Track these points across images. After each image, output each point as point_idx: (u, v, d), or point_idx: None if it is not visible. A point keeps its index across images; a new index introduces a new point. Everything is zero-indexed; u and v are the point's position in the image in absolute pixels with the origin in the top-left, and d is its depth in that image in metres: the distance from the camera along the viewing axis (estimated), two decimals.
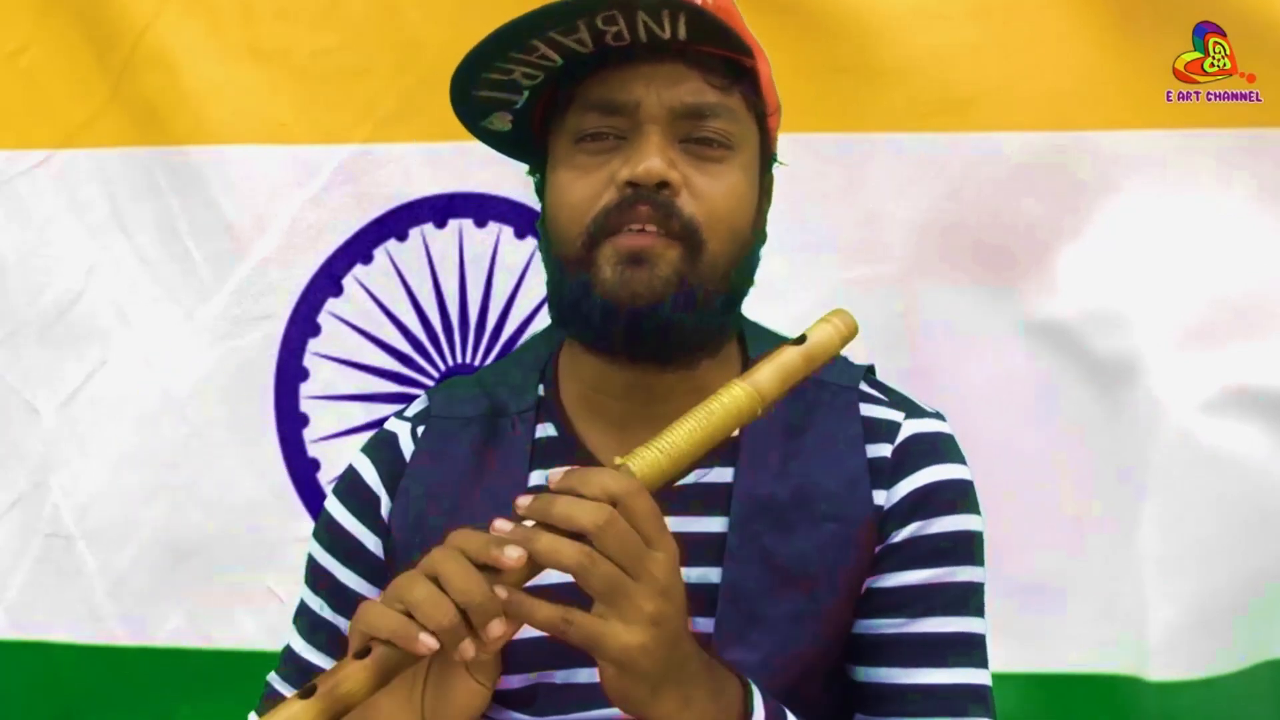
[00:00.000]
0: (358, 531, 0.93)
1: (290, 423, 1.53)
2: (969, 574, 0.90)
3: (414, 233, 1.53)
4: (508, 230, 1.53)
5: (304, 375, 1.54)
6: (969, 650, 0.89)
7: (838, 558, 0.87)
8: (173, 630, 1.56)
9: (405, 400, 1.48)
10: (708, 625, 0.85)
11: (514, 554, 0.66)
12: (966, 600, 0.89)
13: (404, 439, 0.94)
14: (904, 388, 0.97)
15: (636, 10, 0.79)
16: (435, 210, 1.52)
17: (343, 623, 0.92)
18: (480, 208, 1.52)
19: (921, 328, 1.46)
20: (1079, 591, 1.45)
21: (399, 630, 0.66)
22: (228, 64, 1.50)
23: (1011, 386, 1.46)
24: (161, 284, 1.55)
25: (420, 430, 0.94)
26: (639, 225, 0.81)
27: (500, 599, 0.66)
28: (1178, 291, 1.43)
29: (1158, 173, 1.42)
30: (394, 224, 1.52)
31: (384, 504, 0.92)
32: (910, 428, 0.92)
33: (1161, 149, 1.41)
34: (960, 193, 1.44)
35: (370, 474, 0.93)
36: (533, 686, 0.88)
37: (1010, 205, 1.44)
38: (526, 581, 0.68)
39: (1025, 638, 1.44)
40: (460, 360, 1.55)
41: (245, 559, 1.53)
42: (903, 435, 0.91)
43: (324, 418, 1.54)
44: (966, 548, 0.90)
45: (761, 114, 0.90)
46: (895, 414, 0.92)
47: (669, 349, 0.85)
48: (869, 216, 1.46)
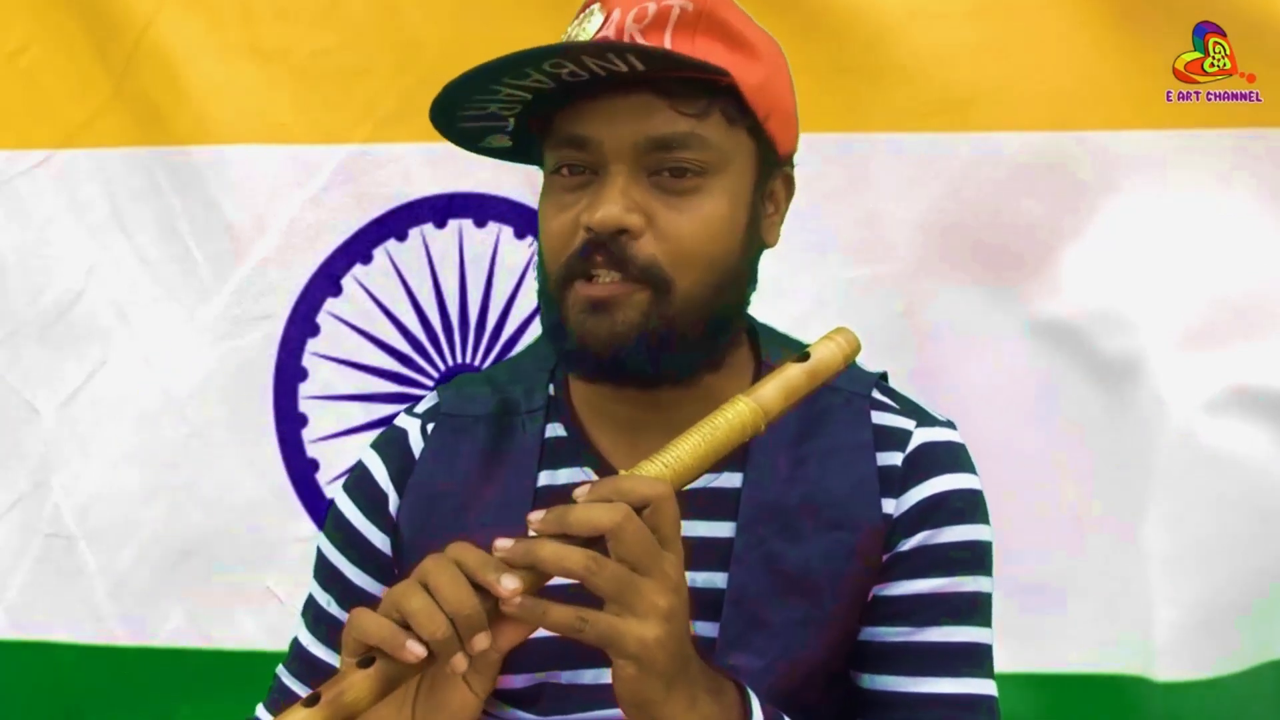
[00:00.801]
0: (365, 528, 0.93)
1: (289, 423, 1.53)
2: (977, 584, 0.89)
3: (414, 233, 1.53)
4: (508, 230, 1.53)
5: (303, 375, 1.54)
6: (976, 660, 0.88)
7: (844, 565, 0.86)
8: (173, 630, 1.56)
9: (405, 400, 1.49)
10: (712, 630, 0.85)
11: (510, 585, 0.67)
12: (975, 610, 0.89)
13: (413, 436, 0.94)
14: (906, 388, 0.97)
15: (582, 56, 0.77)
16: (435, 210, 1.52)
17: (341, 612, 0.93)
18: (480, 208, 1.52)
19: (923, 328, 1.46)
20: (1083, 591, 1.45)
21: (389, 639, 0.66)
22: (227, 64, 1.50)
23: (1013, 386, 1.46)
24: (161, 284, 1.55)
25: (430, 427, 0.94)
26: (597, 273, 0.81)
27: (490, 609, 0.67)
28: (1178, 292, 1.43)
29: (1157, 173, 1.42)
30: (394, 224, 1.52)
31: (392, 501, 0.92)
32: (921, 436, 0.91)
33: (1161, 149, 1.41)
34: (960, 193, 1.44)
35: (379, 471, 0.93)
36: (538, 686, 0.88)
37: (1010, 205, 1.44)
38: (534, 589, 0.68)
39: (1030, 638, 1.44)
40: (460, 360, 1.55)
41: (245, 559, 1.53)
42: (913, 444, 0.90)
43: (323, 418, 1.54)
44: (976, 557, 0.90)
45: (754, 123, 0.86)
46: (907, 422, 0.91)
47: (649, 383, 0.85)
48: (871, 216, 1.46)
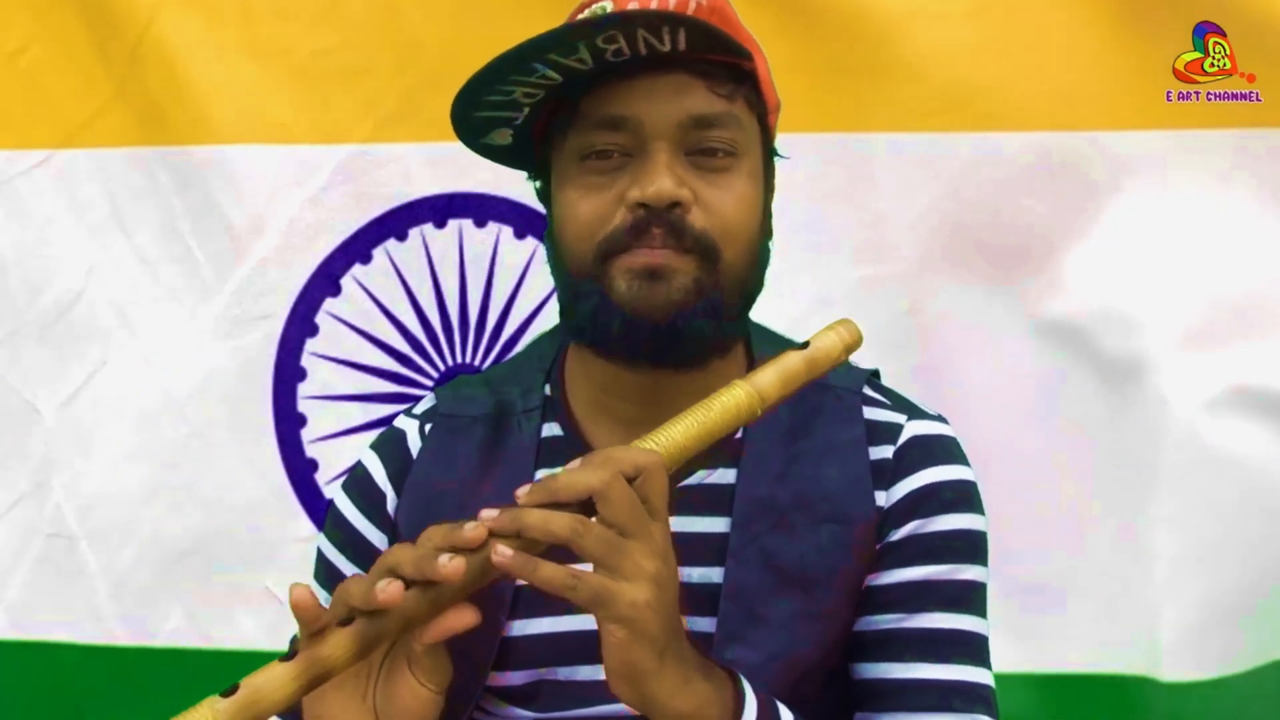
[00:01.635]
0: (363, 528, 0.94)
1: (288, 423, 1.53)
2: (970, 573, 0.90)
3: (414, 233, 1.53)
4: (507, 230, 1.53)
5: (302, 375, 1.54)
6: (969, 648, 0.88)
7: (838, 559, 0.87)
8: (172, 630, 1.56)
9: (404, 400, 1.49)
10: (709, 625, 0.86)
11: (449, 564, 0.68)
12: (966, 598, 0.89)
13: (411, 437, 0.95)
14: (910, 387, 0.98)
15: (637, 28, 0.79)
16: (435, 210, 1.52)
17: None
18: (480, 208, 1.52)
19: (927, 327, 1.46)
20: (1085, 591, 1.45)
21: (366, 591, 0.68)
22: (227, 63, 1.49)
23: (1016, 385, 1.46)
24: (162, 284, 1.55)
25: (428, 428, 0.95)
26: (653, 246, 0.82)
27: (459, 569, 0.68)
28: (1179, 292, 1.43)
29: (1158, 173, 1.42)
30: (394, 224, 1.52)
31: (390, 501, 0.93)
32: (912, 429, 0.92)
33: (1161, 149, 1.41)
34: (962, 192, 1.44)
35: (378, 471, 0.95)
36: (535, 683, 0.88)
37: (1011, 205, 1.44)
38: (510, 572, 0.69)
39: (1032, 638, 1.45)
40: (460, 360, 1.55)
41: (245, 559, 1.53)
42: (904, 437, 0.91)
43: (322, 418, 1.54)
44: (967, 546, 0.90)
45: (763, 113, 0.90)
46: (898, 416, 0.93)
47: (691, 356, 0.87)
48: (873, 216, 1.46)
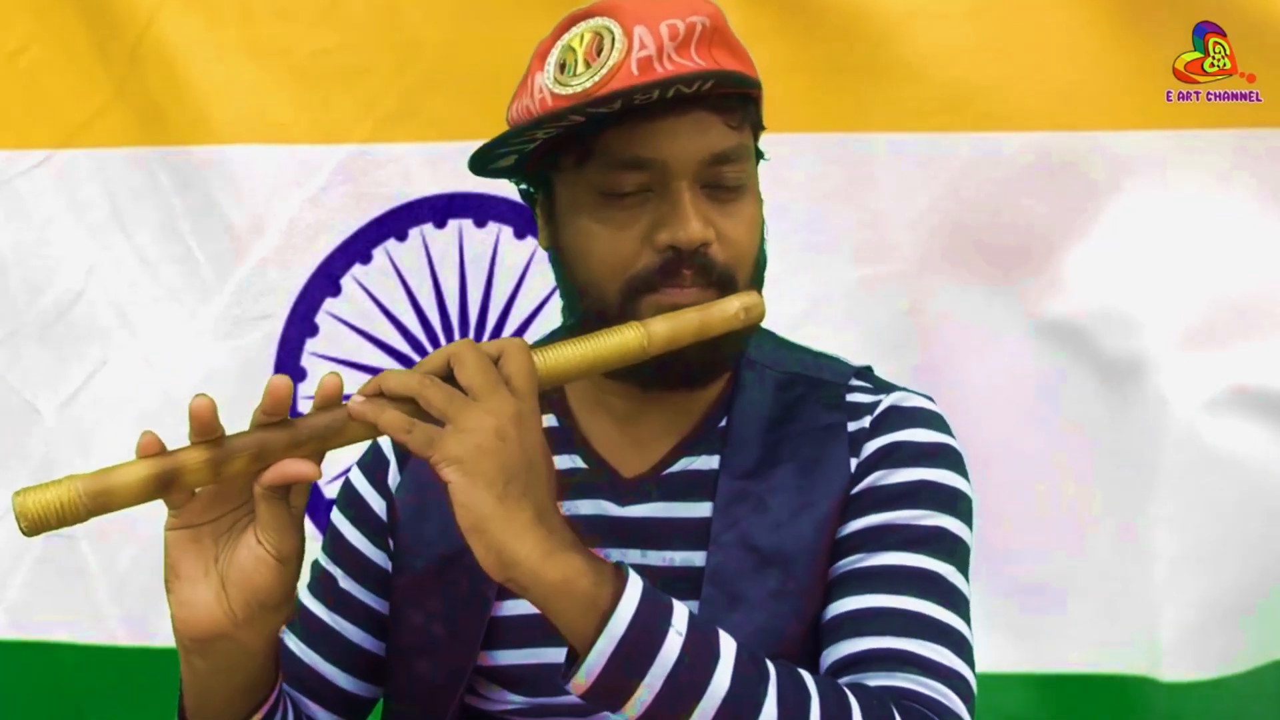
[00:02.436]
0: (366, 492, 1.01)
1: None
2: (936, 520, 0.88)
3: (414, 233, 1.53)
4: (507, 230, 1.53)
5: (301, 375, 1.54)
6: (933, 587, 0.86)
7: (815, 536, 0.89)
8: (172, 630, 1.56)
9: None
10: (692, 608, 0.85)
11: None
12: (929, 542, 0.87)
13: None
14: (910, 386, 0.98)
15: (674, 85, 0.82)
16: (435, 210, 1.52)
17: (338, 572, 1.00)
18: (480, 208, 1.52)
19: (927, 326, 1.47)
20: (1086, 591, 1.45)
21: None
22: (227, 63, 1.50)
23: (1016, 385, 1.46)
24: (162, 284, 1.56)
25: None
26: (683, 286, 0.86)
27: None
28: (1179, 292, 1.43)
29: (1158, 173, 1.42)
30: (394, 224, 1.52)
31: (392, 471, 1.00)
32: (890, 400, 0.94)
33: (1161, 149, 1.41)
34: (962, 192, 1.44)
35: (386, 444, 1.01)
36: (526, 665, 0.90)
37: (1011, 205, 1.44)
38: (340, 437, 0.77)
39: (1033, 638, 1.45)
40: None
41: None
42: (881, 408, 0.94)
43: None
44: (932, 495, 0.89)
45: (759, 130, 0.93)
46: (879, 395, 0.95)
47: (714, 380, 0.93)
48: (873, 216, 1.47)
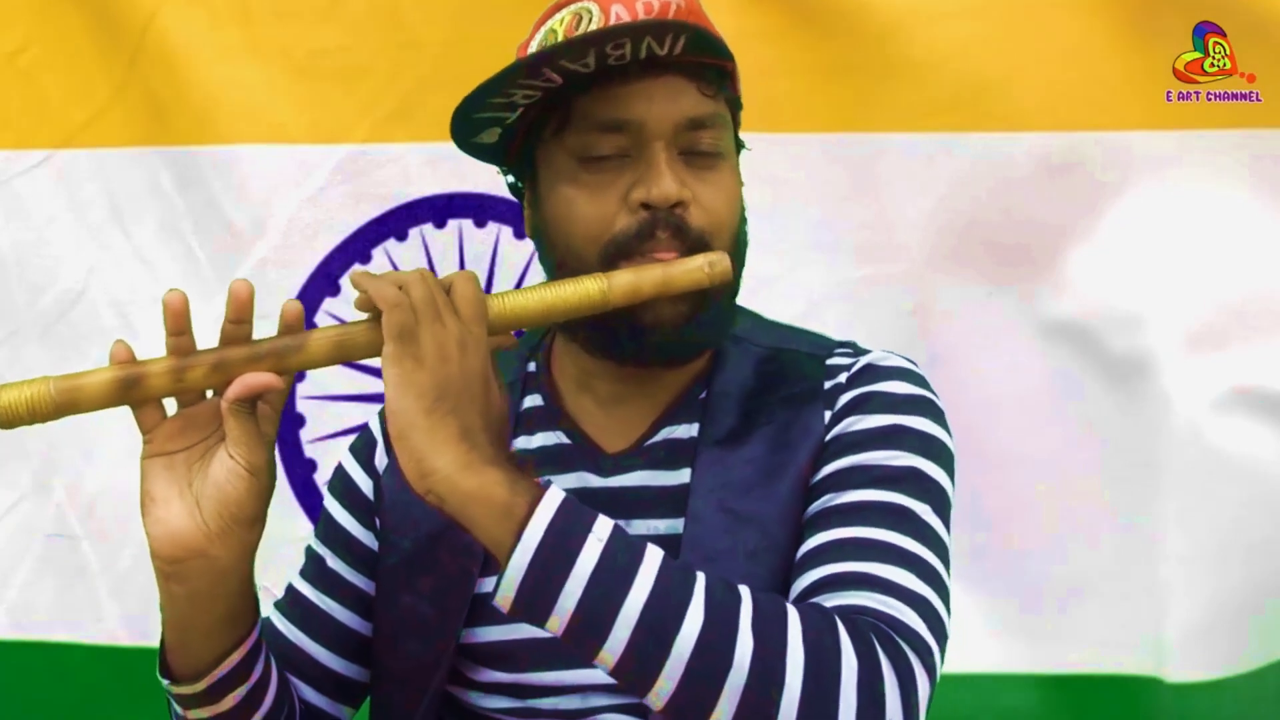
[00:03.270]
0: (354, 472, 1.03)
1: (286, 423, 1.53)
2: (907, 460, 0.87)
3: (414, 233, 1.53)
4: (507, 230, 1.53)
5: (300, 376, 1.54)
6: (900, 520, 0.83)
7: (791, 497, 0.88)
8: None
9: None
10: None
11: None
12: (900, 480, 0.85)
13: None
14: None
15: (645, 34, 0.83)
16: (435, 210, 1.52)
17: (326, 553, 1.03)
18: (480, 208, 1.52)
19: (931, 326, 1.47)
20: (1094, 591, 1.45)
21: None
22: (227, 63, 1.49)
23: (1022, 384, 1.46)
24: (163, 284, 1.53)
25: None
26: (659, 250, 0.86)
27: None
28: (1180, 292, 1.43)
29: (1158, 173, 1.42)
30: (393, 224, 1.52)
31: (379, 451, 1.02)
32: (867, 359, 0.95)
33: (1162, 149, 1.41)
34: (967, 192, 1.44)
35: (376, 425, 1.04)
36: (511, 642, 0.90)
37: (1016, 205, 1.44)
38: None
39: (1041, 638, 1.46)
40: None
41: None
42: (858, 365, 0.94)
43: (320, 418, 1.54)
44: (905, 437, 0.88)
45: (736, 109, 0.95)
46: (858, 358, 0.95)
47: (693, 358, 0.93)
48: (878, 216, 1.47)
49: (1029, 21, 1.42)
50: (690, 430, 0.93)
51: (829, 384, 0.93)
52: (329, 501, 1.05)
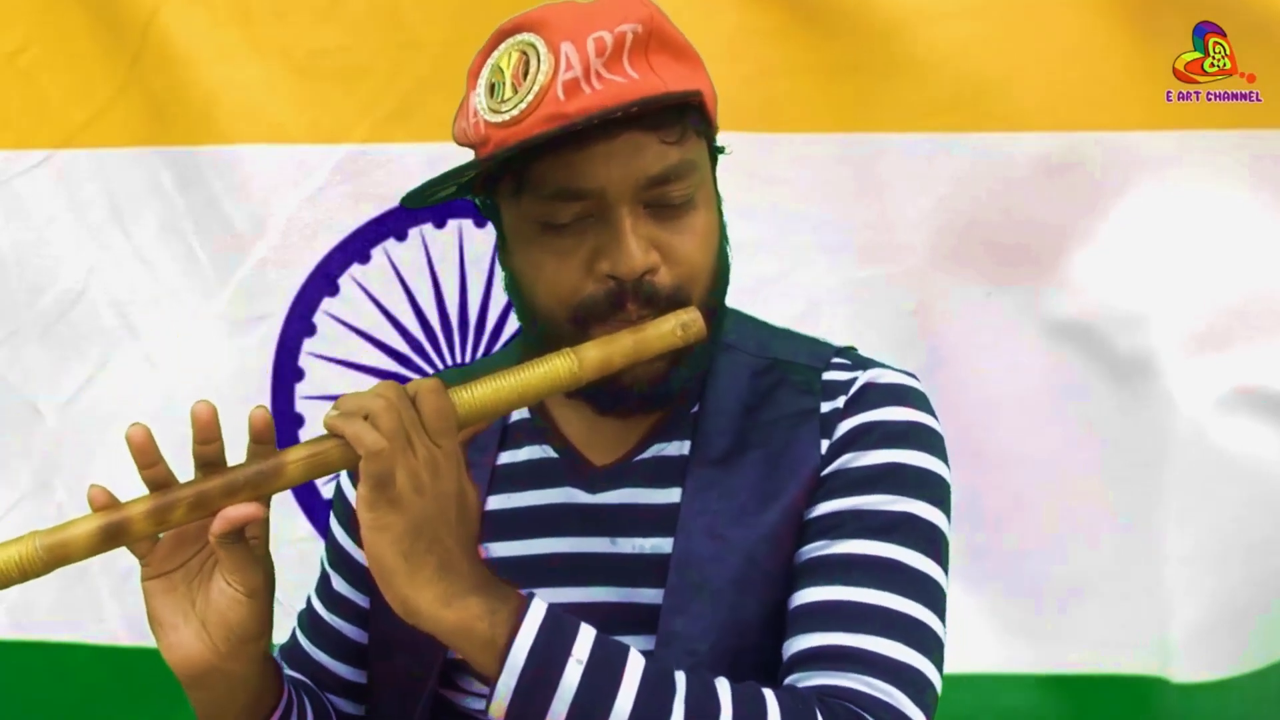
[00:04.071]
0: (349, 491, 1.03)
1: (286, 423, 1.53)
2: (904, 505, 0.86)
3: (413, 233, 1.53)
4: None
5: (299, 376, 1.54)
6: (892, 576, 0.84)
7: (782, 526, 0.87)
8: None
9: None
10: (657, 597, 0.87)
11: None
12: (894, 529, 0.85)
13: None
14: None
15: (597, 122, 0.80)
16: (435, 210, 1.52)
17: (332, 573, 1.05)
18: None
19: (933, 327, 1.47)
20: (1098, 591, 1.45)
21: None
22: (227, 63, 1.49)
23: (1024, 385, 1.46)
24: (163, 284, 1.56)
25: None
26: (629, 319, 0.84)
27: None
28: (1181, 292, 1.42)
29: (1158, 173, 1.41)
30: (393, 224, 1.52)
31: None
32: (866, 378, 0.92)
33: (1162, 149, 1.41)
34: (969, 192, 1.44)
35: None
36: None
37: (1017, 205, 1.44)
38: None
39: (1045, 638, 1.46)
40: (459, 361, 1.55)
41: None
42: (856, 385, 0.91)
43: (320, 418, 1.53)
44: (900, 478, 0.87)
45: (709, 132, 0.91)
46: (856, 373, 0.93)
47: (674, 401, 0.91)
48: (879, 216, 1.46)
49: (1029, 21, 1.41)
50: (681, 448, 0.92)
51: (826, 407, 0.91)
52: (331, 521, 1.07)
